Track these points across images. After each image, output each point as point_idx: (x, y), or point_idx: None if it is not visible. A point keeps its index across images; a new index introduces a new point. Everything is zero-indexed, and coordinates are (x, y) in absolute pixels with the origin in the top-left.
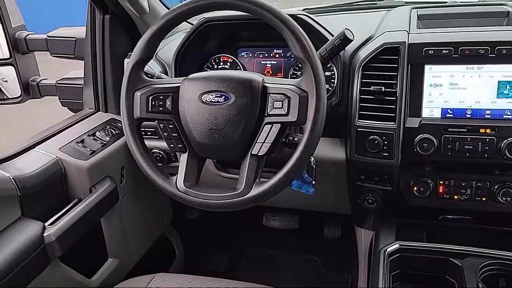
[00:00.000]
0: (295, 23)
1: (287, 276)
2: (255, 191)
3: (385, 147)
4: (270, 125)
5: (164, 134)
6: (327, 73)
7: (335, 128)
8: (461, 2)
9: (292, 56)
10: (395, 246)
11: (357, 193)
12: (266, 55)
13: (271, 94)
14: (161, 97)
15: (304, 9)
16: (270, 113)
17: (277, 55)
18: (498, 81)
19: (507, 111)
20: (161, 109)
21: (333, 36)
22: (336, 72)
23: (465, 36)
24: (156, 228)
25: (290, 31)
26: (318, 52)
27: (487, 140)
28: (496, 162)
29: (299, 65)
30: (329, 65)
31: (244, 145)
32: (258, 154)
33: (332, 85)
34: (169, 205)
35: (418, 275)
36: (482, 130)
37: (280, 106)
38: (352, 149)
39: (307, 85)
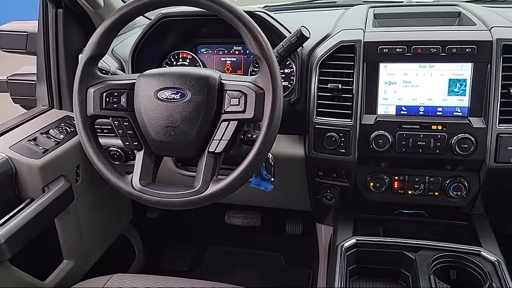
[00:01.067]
0: (251, 19)
1: (249, 273)
2: (212, 188)
3: (342, 144)
4: (227, 122)
5: (119, 131)
6: (286, 70)
7: (294, 125)
8: (416, 2)
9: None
10: (352, 241)
11: (316, 189)
12: (226, 52)
13: (228, 91)
14: (116, 93)
15: (264, 6)
16: (227, 110)
17: (237, 52)
18: (449, 79)
19: (457, 108)
20: (115, 106)
21: (291, 33)
22: (295, 70)
23: (417, 35)
24: (114, 227)
25: (246, 28)
26: (275, 49)
27: (439, 136)
28: (447, 158)
29: None
30: (288, 62)
31: (201, 142)
32: (215, 151)
33: (292, 82)
34: (128, 204)
35: (374, 269)
36: (434, 127)
37: (237, 103)
38: (311, 146)
39: (263, 82)
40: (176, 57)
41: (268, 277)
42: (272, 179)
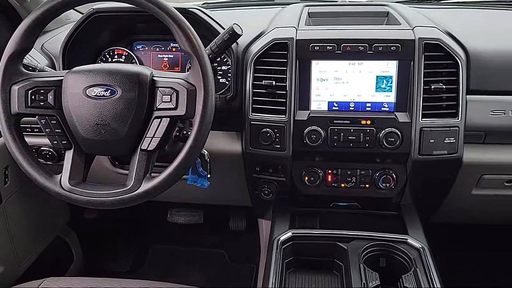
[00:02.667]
0: (181, 16)
1: (193, 271)
2: (145, 186)
3: (277, 139)
4: (159, 120)
5: (46, 130)
6: (224, 67)
7: (231, 122)
8: (349, 1)
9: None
10: (288, 234)
11: (254, 185)
12: (163, 48)
13: (159, 88)
14: (42, 91)
15: (203, 3)
16: (158, 107)
17: (174, 49)
18: (376, 76)
19: (385, 104)
20: (42, 103)
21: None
22: (231, 67)
23: (347, 33)
24: (49, 230)
25: (177, 24)
26: (208, 46)
27: (368, 131)
28: (376, 151)
29: None
30: (225, 59)
31: (132, 140)
32: (148, 149)
33: (229, 79)
34: (65, 206)
35: (310, 260)
36: (363, 122)
37: (169, 100)
38: (247, 142)
39: (194, 79)
40: (111, 53)
41: (212, 274)
42: (209, 176)
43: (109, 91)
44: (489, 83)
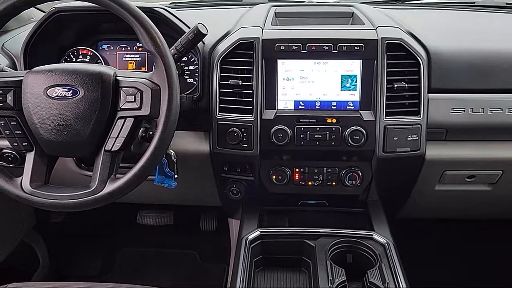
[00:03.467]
0: (144, 15)
1: (164, 273)
2: (109, 188)
3: (244, 139)
4: (123, 120)
5: (6, 132)
6: (191, 67)
7: (198, 122)
8: (316, 2)
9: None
10: (256, 233)
11: (223, 185)
12: (129, 48)
13: (123, 88)
14: (1, 91)
15: (171, 3)
16: (122, 107)
17: (140, 49)
18: (341, 75)
19: (350, 103)
20: (0, 104)
21: None
22: (198, 66)
23: (312, 33)
24: (13, 235)
25: (139, 23)
26: (173, 46)
27: (333, 129)
28: (342, 149)
29: None
30: (193, 59)
31: (96, 141)
32: (112, 149)
33: (197, 79)
34: (30, 209)
35: (279, 258)
36: (329, 120)
37: (133, 100)
38: (214, 142)
39: (159, 79)
40: (76, 53)
41: (183, 275)
42: (176, 176)
43: (71, 91)
44: (449, 82)
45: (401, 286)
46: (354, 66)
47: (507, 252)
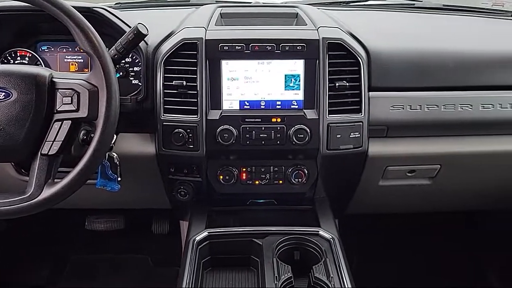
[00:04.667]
0: (79, 15)
1: (116, 279)
2: (46, 193)
3: (190, 140)
4: (60, 122)
5: None
6: (136, 68)
7: (143, 123)
8: (263, 3)
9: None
10: (204, 234)
11: (170, 186)
12: (71, 49)
13: (59, 90)
14: None
15: (116, 3)
16: (59, 109)
17: (82, 50)
18: (285, 75)
19: (294, 102)
20: None
21: None
22: (142, 67)
23: (255, 33)
24: None
25: (75, 23)
26: (113, 46)
27: (278, 128)
28: (287, 148)
29: None
30: (137, 60)
31: (32, 145)
32: (49, 153)
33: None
34: None
35: (227, 258)
36: (274, 120)
37: (70, 102)
38: (160, 143)
39: (96, 80)
40: (13, 55)
41: (135, 280)
42: (119, 179)
43: (3, 93)
44: (389, 81)
45: (345, 280)
46: (297, 66)
47: (450, 244)
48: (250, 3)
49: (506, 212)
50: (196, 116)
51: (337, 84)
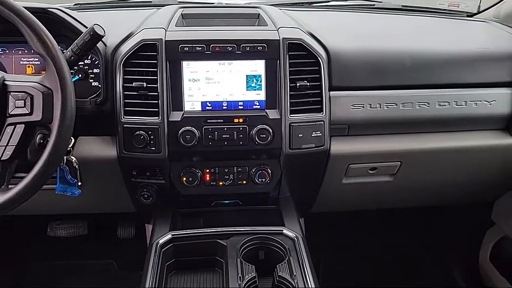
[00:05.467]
0: (31, 15)
1: (80, 285)
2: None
3: (152, 142)
4: (13, 126)
5: None
6: (95, 70)
7: (104, 126)
8: (226, 4)
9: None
10: (168, 237)
11: (133, 190)
12: (27, 51)
13: (12, 93)
14: None
15: (75, 4)
16: (11, 113)
17: None
18: (246, 75)
19: (256, 102)
20: None
21: None
22: (100, 69)
23: (215, 34)
24: None
25: (26, 24)
26: (69, 48)
27: (241, 128)
28: (250, 148)
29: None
30: (96, 62)
31: None
32: (2, 158)
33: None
34: None
35: (192, 260)
36: (236, 120)
37: (23, 105)
38: (121, 146)
39: (50, 82)
40: None
41: (101, 285)
42: (79, 184)
43: None
44: (349, 80)
45: (308, 278)
46: (258, 66)
47: (415, 239)
48: (213, 4)
49: (465, 207)
50: (157, 118)
51: (298, 84)
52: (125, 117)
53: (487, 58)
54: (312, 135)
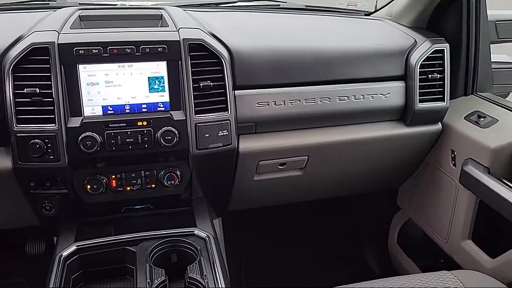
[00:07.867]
0: None
1: None
2: None
3: (49, 150)
4: None
5: None
6: None
7: None
8: (129, 5)
9: None
10: (72, 248)
11: (34, 202)
12: None
13: None
14: None
15: None
16: None
17: None
18: (148, 77)
19: (160, 104)
20: None
21: None
22: None
23: (113, 36)
24: None
25: None
26: None
27: (145, 131)
28: (156, 151)
29: None
30: None
31: None
32: None
33: None
34: None
35: (102, 270)
36: (139, 123)
37: None
38: (15, 156)
39: None
40: None
41: None
42: None
43: None
44: (253, 79)
45: (219, 277)
46: (160, 68)
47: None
48: (116, 5)
49: (375, 194)
50: (54, 124)
51: (201, 84)
52: (17, 125)
53: (381, 53)
54: (219, 134)
